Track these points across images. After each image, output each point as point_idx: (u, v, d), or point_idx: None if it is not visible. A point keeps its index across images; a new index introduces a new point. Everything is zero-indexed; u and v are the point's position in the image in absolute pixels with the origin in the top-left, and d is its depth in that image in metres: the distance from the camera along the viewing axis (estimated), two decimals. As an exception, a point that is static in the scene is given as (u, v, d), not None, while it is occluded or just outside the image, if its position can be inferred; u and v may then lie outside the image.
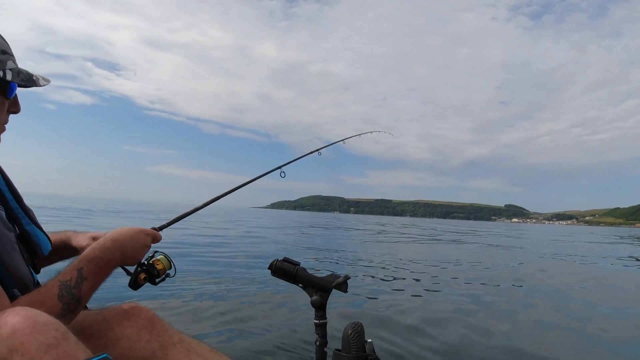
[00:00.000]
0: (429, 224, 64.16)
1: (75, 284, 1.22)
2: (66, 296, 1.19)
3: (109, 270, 1.34)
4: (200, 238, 12.24)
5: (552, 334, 3.97)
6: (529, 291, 6.43)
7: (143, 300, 4.01)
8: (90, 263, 1.27)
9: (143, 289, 1.49)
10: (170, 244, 9.69)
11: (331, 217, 77.78)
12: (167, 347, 1.44)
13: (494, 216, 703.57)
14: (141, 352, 1.40)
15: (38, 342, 0.92)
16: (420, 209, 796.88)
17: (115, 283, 1.49)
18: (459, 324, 4.05)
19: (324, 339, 1.65)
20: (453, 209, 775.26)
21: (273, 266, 1.66)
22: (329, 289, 1.66)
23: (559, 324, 4.34)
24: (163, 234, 1.56)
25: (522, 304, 5.40)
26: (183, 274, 6.09)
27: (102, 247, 1.32)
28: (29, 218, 1.41)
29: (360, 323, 1.64)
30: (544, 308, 5.17)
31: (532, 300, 5.74)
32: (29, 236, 1.39)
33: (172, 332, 1.49)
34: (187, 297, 4.56)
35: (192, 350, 1.48)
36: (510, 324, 4.23)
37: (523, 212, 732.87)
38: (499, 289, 6.44)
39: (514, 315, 4.74)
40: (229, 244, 11.50)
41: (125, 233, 1.39)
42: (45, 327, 0.95)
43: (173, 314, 3.83)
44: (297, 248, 11.66)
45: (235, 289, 5.24)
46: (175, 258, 1.57)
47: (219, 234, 14.96)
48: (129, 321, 1.42)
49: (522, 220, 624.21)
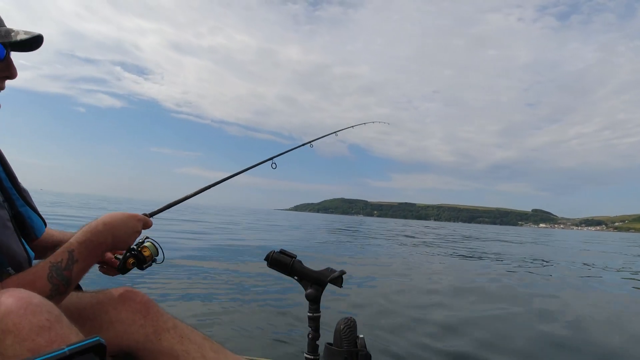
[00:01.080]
0: (452, 228, 63.35)
1: (65, 266, 1.21)
2: (56, 277, 1.18)
3: (99, 253, 1.33)
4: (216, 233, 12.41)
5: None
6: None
7: (138, 285, 4.10)
8: (81, 245, 1.26)
9: (141, 273, 1.51)
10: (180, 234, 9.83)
11: (353, 221, 77.56)
12: (160, 333, 1.44)
13: (520, 221, 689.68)
14: (135, 336, 1.41)
15: (31, 324, 0.92)
16: (444, 212, 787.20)
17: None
18: (449, 323, 4.13)
19: (317, 333, 1.65)
20: (478, 214, 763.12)
21: (269, 258, 1.67)
22: (324, 283, 1.66)
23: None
24: (154, 220, 1.56)
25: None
26: (180, 261, 6.25)
27: (94, 230, 1.31)
28: (24, 200, 1.39)
29: (353, 318, 1.64)
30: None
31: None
32: (23, 218, 1.38)
33: (167, 318, 1.50)
34: (183, 285, 4.69)
35: (186, 337, 1.48)
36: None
37: (551, 218, 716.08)
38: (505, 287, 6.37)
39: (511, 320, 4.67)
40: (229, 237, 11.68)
41: (117, 217, 1.38)
42: (39, 309, 0.95)
43: (168, 300, 3.91)
44: (293, 241, 11.86)
45: (231, 279, 5.34)
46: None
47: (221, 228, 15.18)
48: (124, 305, 1.43)
49: (549, 225, 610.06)
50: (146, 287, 4.16)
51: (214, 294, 4.40)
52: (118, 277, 1.52)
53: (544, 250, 18.82)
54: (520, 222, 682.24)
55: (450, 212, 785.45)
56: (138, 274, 1.50)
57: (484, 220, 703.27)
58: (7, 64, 1.22)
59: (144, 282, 4.32)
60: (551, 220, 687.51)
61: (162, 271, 5.03)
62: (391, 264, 8.97)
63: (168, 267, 5.65)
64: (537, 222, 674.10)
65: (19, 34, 1.22)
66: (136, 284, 3.99)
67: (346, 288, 5.63)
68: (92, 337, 0.93)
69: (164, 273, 4.97)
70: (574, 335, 4.07)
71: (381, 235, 21.17)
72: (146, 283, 4.30)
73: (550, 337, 3.84)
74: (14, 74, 1.25)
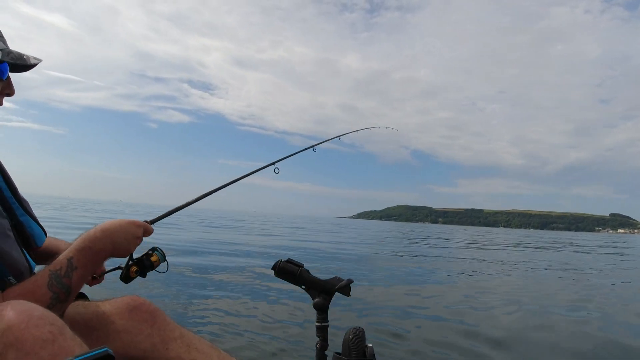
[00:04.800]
0: (521, 235, 60.40)
1: (65, 273, 1.21)
2: (56, 285, 1.18)
3: (99, 261, 1.33)
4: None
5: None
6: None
7: (144, 293, 4.18)
8: (80, 253, 1.26)
9: (146, 282, 1.52)
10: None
11: (417, 228, 75.88)
12: (167, 342, 1.46)
13: (597, 227, 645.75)
14: (142, 346, 1.42)
15: (34, 337, 0.91)
16: (514, 219, 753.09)
17: (115, 276, 1.54)
18: (464, 332, 4.02)
19: (325, 342, 1.62)
20: (552, 219, 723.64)
21: (277, 267, 1.66)
22: (331, 292, 1.63)
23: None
24: (155, 227, 1.55)
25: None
26: (184, 269, 6.37)
27: (92, 237, 1.30)
28: (24, 209, 1.40)
29: (362, 328, 1.60)
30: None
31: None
32: (23, 227, 1.38)
33: (173, 327, 1.51)
34: (190, 293, 4.74)
35: (193, 346, 1.49)
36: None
37: (630, 222, 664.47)
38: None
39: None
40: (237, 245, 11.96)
41: (115, 224, 1.37)
42: (41, 321, 0.94)
43: (174, 308, 3.97)
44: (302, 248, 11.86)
45: (238, 288, 5.37)
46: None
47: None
48: (131, 314, 1.45)
49: (629, 231, 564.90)
50: (152, 296, 4.23)
51: (221, 302, 4.45)
52: (124, 286, 1.53)
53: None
54: (597, 227, 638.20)
55: (521, 219, 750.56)
56: (143, 283, 1.53)
57: (557, 226, 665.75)
58: (8, 82, 1.32)
59: (150, 290, 4.40)
60: (631, 225, 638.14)
61: (167, 279, 5.11)
62: (399, 272, 8.70)
63: (173, 274, 5.79)
64: (615, 227, 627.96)
65: (30, 59, 1.33)
66: (142, 293, 4.12)
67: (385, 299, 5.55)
68: (100, 348, 0.92)
69: (169, 281, 5.09)
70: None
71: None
72: (152, 291, 4.37)
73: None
74: (13, 92, 1.34)
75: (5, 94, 1.33)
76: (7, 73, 1.29)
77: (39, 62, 1.36)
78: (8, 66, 1.28)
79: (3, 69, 1.26)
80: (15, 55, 1.29)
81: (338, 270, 8.09)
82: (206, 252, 9.86)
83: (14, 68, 1.32)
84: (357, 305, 4.82)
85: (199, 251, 9.84)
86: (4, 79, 1.28)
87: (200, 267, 7.24)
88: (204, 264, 7.61)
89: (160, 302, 4.08)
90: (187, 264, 7.38)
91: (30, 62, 1.33)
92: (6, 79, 1.30)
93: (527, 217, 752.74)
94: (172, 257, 7.62)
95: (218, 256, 9.15)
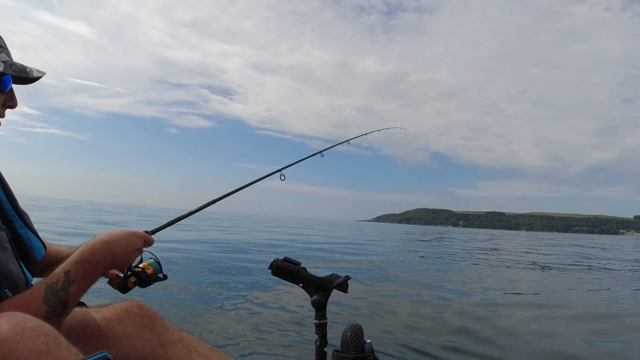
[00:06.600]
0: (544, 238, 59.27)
1: (62, 287, 1.18)
2: (52, 299, 1.15)
3: (98, 273, 1.30)
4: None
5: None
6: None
7: (142, 298, 4.19)
8: (78, 265, 1.23)
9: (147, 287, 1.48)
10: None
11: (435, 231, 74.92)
12: (167, 346, 1.46)
13: (622, 229, 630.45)
14: (141, 351, 1.42)
15: (28, 349, 0.89)
16: (537, 222, 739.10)
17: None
18: (457, 325, 4.06)
19: (324, 339, 1.61)
20: (575, 222, 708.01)
21: (273, 265, 1.66)
22: (329, 289, 1.63)
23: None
24: (155, 237, 1.53)
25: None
26: (184, 272, 6.39)
27: (91, 249, 1.28)
28: (23, 222, 1.38)
29: (360, 325, 1.60)
30: None
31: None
32: (22, 240, 1.37)
33: (173, 330, 1.51)
34: (187, 295, 4.76)
35: (192, 349, 1.50)
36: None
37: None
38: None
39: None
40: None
41: (115, 235, 1.35)
42: (35, 332, 0.92)
43: (173, 312, 3.97)
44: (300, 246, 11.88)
45: (236, 287, 5.37)
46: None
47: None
48: (129, 319, 1.45)
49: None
50: (150, 300, 4.22)
51: (219, 303, 4.46)
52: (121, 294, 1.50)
53: None
54: (622, 230, 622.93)
55: (543, 221, 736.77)
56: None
57: (581, 229, 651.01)
58: (10, 94, 1.32)
59: (148, 295, 4.40)
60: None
61: (165, 282, 5.11)
62: (395, 267, 8.60)
63: (172, 278, 5.81)
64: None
65: (33, 72, 1.34)
66: (140, 298, 4.14)
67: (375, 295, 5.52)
68: (99, 353, 0.94)
69: (166, 284, 5.11)
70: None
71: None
72: (150, 296, 4.38)
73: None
74: (16, 104, 1.33)
75: (8, 106, 1.33)
76: (9, 85, 1.28)
77: (43, 75, 1.36)
78: (11, 78, 1.28)
79: (6, 81, 1.26)
80: (18, 67, 1.29)
81: (337, 268, 8.09)
82: (206, 251, 9.88)
83: (17, 80, 1.32)
84: (356, 301, 4.83)
85: (199, 250, 9.86)
86: (6, 91, 1.28)
87: (201, 266, 7.29)
88: (204, 264, 7.64)
89: (159, 306, 4.12)
90: (187, 264, 7.44)
91: (33, 75, 1.33)
92: (9, 91, 1.29)
93: (549, 220, 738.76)
94: (171, 257, 7.68)
95: (218, 256, 9.16)
